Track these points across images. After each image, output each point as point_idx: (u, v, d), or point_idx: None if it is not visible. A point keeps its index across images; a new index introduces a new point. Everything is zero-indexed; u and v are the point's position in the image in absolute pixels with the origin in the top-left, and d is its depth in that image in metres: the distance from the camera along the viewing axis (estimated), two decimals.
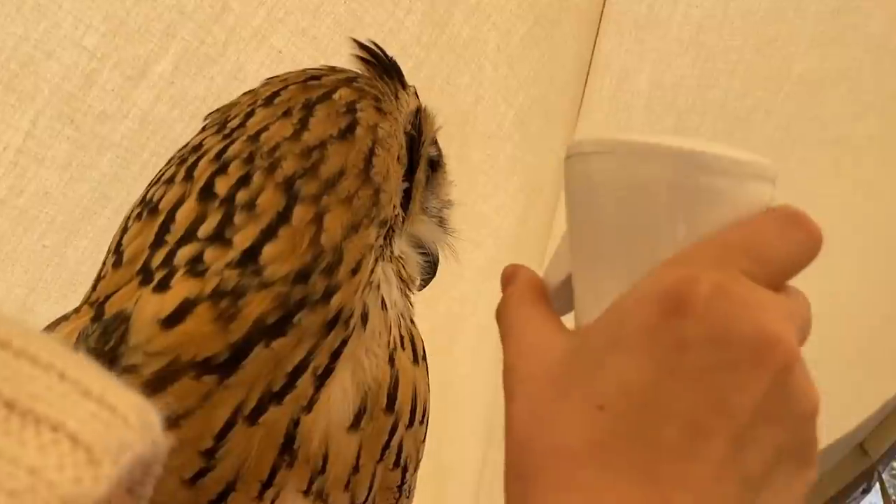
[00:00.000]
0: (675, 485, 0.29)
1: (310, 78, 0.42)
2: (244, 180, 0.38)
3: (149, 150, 0.68)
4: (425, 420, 0.46)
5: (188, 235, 0.37)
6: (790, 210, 0.33)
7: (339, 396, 0.39)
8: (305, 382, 0.37)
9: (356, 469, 0.41)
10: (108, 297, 0.37)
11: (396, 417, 0.42)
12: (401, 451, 0.44)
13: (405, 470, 0.45)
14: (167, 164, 0.41)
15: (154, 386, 0.35)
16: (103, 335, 0.36)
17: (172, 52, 0.66)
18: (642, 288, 0.31)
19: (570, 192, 0.36)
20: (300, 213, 0.37)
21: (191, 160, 0.39)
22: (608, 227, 0.34)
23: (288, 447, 0.37)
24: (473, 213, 1.06)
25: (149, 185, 0.41)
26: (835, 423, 1.40)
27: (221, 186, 0.38)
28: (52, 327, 0.39)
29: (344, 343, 0.38)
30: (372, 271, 0.40)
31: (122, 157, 0.66)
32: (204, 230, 0.37)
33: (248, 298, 0.36)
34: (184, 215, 0.38)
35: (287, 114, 0.39)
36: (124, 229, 0.40)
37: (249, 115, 0.40)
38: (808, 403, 0.30)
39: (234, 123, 0.40)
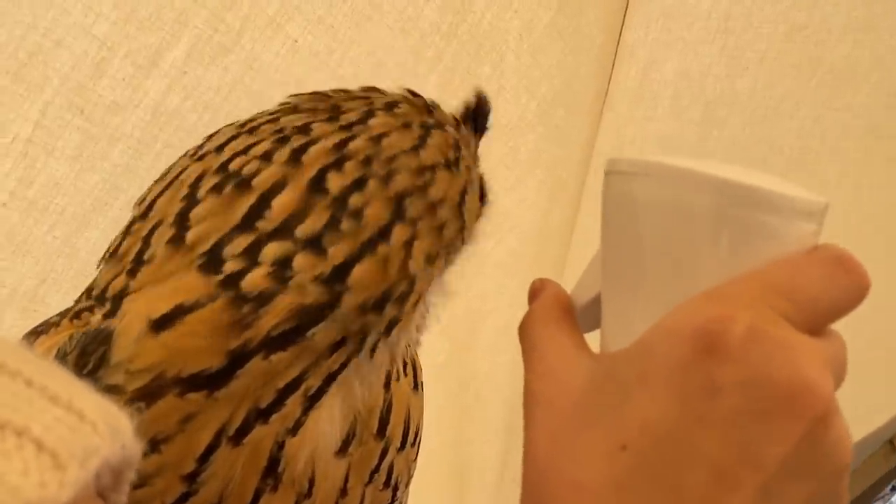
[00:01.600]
0: None
1: (426, 106, 0.41)
2: (359, 184, 0.35)
3: (161, 142, 0.66)
4: (417, 441, 0.45)
5: (282, 230, 0.34)
6: (837, 252, 0.31)
7: (327, 421, 0.37)
8: (294, 402, 0.35)
9: (344, 492, 0.39)
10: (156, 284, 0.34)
11: (387, 442, 0.41)
12: (391, 471, 0.43)
13: (395, 489, 0.44)
14: (235, 134, 0.38)
15: (135, 406, 0.33)
16: (81, 357, 0.34)
17: (185, 40, 0.65)
18: (675, 321, 0.30)
19: (606, 210, 0.34)
20: (399, 233, 0.35)
21: (297, 141, 0.36)
22: (644, 251, 0.33)
23: (272, 470, 0.36)
24: (495, 207, 1.04)
25: (215, 148, 0.37)
26: (863, 420, 1.37)
27: (335, 184, 0.35)
28: (30, 339, 0.38)
29: (343, 367, 0.36)
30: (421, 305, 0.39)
31: (134, 148, 0.65)
32: (303, 230, 0.34)
33: (272, 307, 0.33)
34: (283, 204, 0.34)
35: (407, 127, 0.38)
36: (193, 199, 0.35)
37: (370, 114, 0.38)
38: (840, 457, 0.29)
39: (351, 117, 0.38)
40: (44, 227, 0.63)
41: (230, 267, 0.33)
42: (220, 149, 0.37)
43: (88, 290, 0.38)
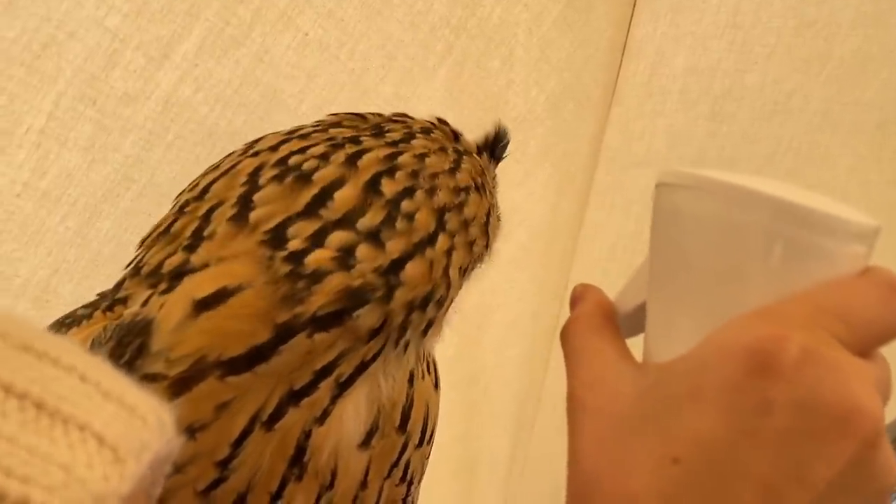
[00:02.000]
0: None
1: (454, 133, 0.46)
2: (409, 192, 0.39)
3: (172, 133, 0.67)
4: (432, 439, 0.47)
5: (345, 221, 0.37)
6: (890, 277, 0.31)
7: (352, 414, 0.39)
8: (325, 388, 0.37)
9: (364, 485, 0.41)
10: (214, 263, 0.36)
11: (407, 437, 0.43)
12: (408, 467, 0.44)
13: (410, 484, 0.46)
14: (293, 135, 0.41)
15: (174, 391, 0.34)
16: (117, 347, 0.36)
17: (196, 33, 0.65)
18: (728, 338, 0.30)
19: (657, 222, 0.35)
20: (442, 242, 0.39)
21: (350, 148, 0.39)
22: (694, 266, 0.33)
23: (298, 459, 0.37)
24: (503, 202, 1.04)
25: (268, 148, 0.40)
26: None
27: (388, 188, 0.38)
28: (59, 330, 0.39)
29: (375, 357, 0.38)
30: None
31: (146, 140, 0.65)
32: (364, 223, 0.37)
33: (324, 285, 0.35)
34: (345, 198, 0.37)
35: (443, 150, 0.42)
36: (254, 185, 0.38)
37: (411, 136, 0.42)
38: (886, 477, 0.29)
39: (394, 136, 0.42)
40: (56, 218, 0.63)
41: (295, 245, 0.36)
42: (274, 148, 0.40)
43: (135, 269, 0.39)
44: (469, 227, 0.41)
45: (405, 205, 0.38)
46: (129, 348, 0.35)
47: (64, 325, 0.40)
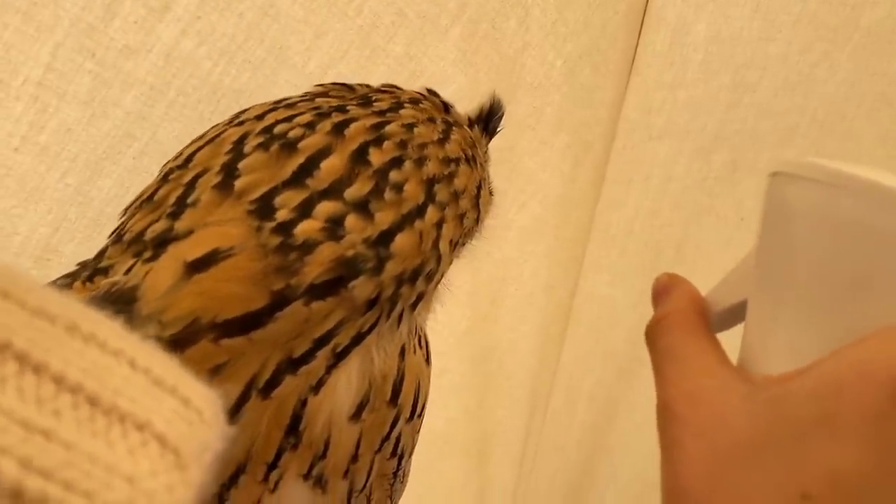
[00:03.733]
0: None
1: (444, 105, 0.45)
2: (397, 162, 0.38)
3: (175, 89, 0.65)
4: (423, 414, 0.46)
5: (332, 191, 0.36)
6: None
7: (344, 384, 0.38)
8: (322, 357, 0.36)
9: (355, 458, 0.41)
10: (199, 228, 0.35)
11: (398, 411, 0.42)
12: (399, 441, 0.44)
13: (401, 458, 0.45)
14: (280, 105, 0.40)
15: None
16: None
17: None
18: (867, 361, 0.27)
19: (771, 216, 0.32)
20: (431, 214, 0.38)
21: (336, 117, 0.39)
22: (817, 269, 0.30)
23: (294, 428, 0.37)
24: (518, 171, 1.02)
25: (254, 117, 0.39)
26: None
27: (376, 158, 0.37)
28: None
29: (371, 329, 0.37)
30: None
31: (147, 95, 0.63)
32: (351, 193, 0.36)
33: (317, 255, 0.34)
34: (331, 168, 0.36)
35: (432, 121, 0.41)
36: (238, 153, 0.37)
37: (399, 105, 0.41)
38: None
39: (382, 106, 0.41)
40: (56, 174, 0.61)
41: (283, 215, 0.35)
42: (260, 117, 0.39)
43: (117, 237, 0.38)
44: (459, 200, 0.40)
45: (393, 175, 0.37)
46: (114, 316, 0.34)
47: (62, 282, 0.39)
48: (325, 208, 0.35)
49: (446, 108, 0.45)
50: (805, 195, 0.30)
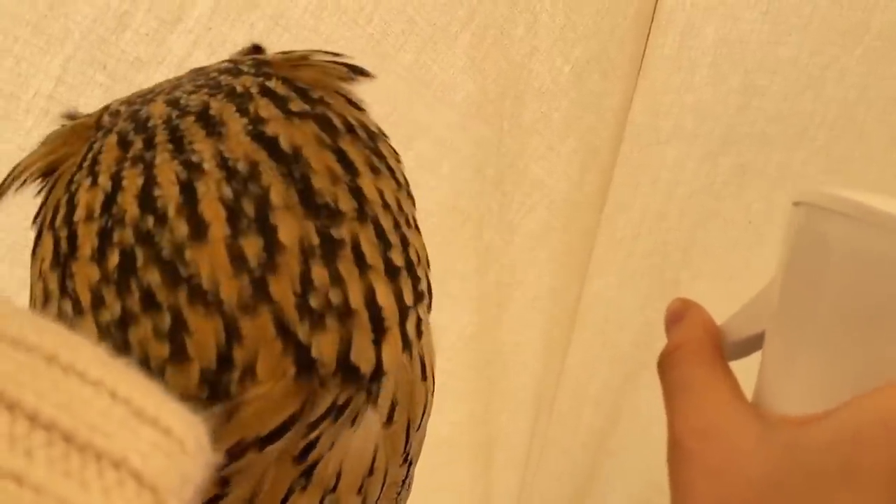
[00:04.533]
0: None
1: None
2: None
3: None
4: (427, 417, 0.44)
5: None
6: None
7: (361, 441, 0.35)
8: (326, 426, 0.34)
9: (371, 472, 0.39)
10: None
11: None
12: (408, 450, 0.41)
13: (410, 464, 0.43)
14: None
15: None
16: None
17: None
18: (888, 409, 0.26)
19: (797, 248, 0.31)
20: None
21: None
22: (843, 307, 0.29)
23: (306, 474, 0.35)
24: (525, 176, 1.02)
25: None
26: None
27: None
28: None
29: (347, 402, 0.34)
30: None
31: None
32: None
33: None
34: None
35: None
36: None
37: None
38: None
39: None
40: None
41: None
42: None
43: None
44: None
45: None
46: None
47: None
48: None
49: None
50: (835, 230, 0.29)
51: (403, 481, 0.44)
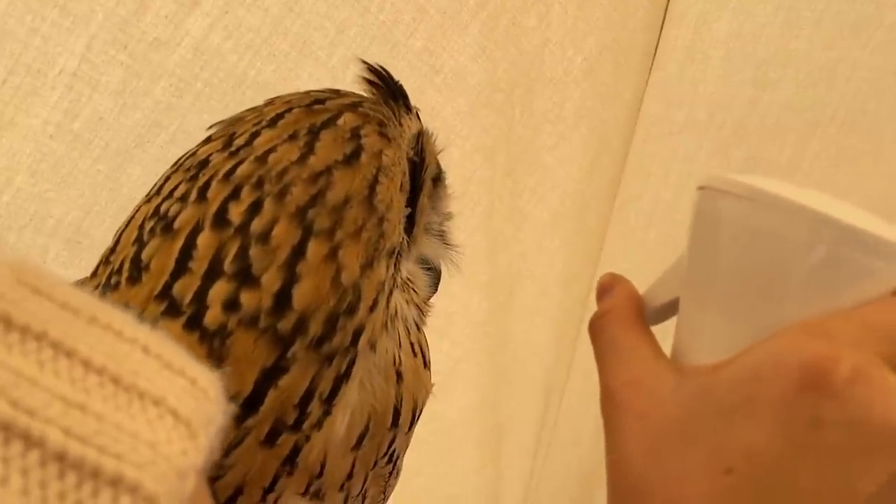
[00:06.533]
0: None
1: (314, 101, 0.40)
2: (255, 208, 0.35)
3: (202, 81, 0.67)
4: (419, 418, 0.46)
5: (214, 270, 0.34)
6: None
7: (341, 418, 0.38)
8: (315, 408, 0.36)
9: (350, 476, 0.41)
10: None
11: (397, 430, 0.42)
12: (394, 451, 0.44)
13: (396, 461, 0.45)
14: (174, 169, 0.39)
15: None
16: None
17: None
18: (780, 352, 0.31)
19: (698, 225, 0.36)
20: (315, 249, 0.35)
21: (202, 179, 0.36)
22: (735, 273, 0.34)
23: (291, 459, 0.37)
24: (537, 165, 1.03)
25: (155, 189, 0.38)
26: None
27: (234, 213, 0.35)
28: None
29: (350, 366, 0.37)
30: (388, 303, 0.39)
31: (176, 86, 0.66)
32: (229, 266, 0.34)
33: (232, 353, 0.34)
34: (205, 244, 0.34)
35: (293, 137, 0.37)
36: (140, 240, 0.36)
37: (255, 134, 0.38)
38: None
39: (240, 141, 0.37)
40: (88, 161, 0.64)
41: (188, 309, 0.34)
42: (159, 190, 0.38)
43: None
44: (345, 213, 0.36)
45: (255, 225, 0.34)
46: None
47: None
48: (217, 293, 0.34)
49: (321, 101, 0.40)
50: (728, 208, 0.34)
51: (390, 473, 0.46)
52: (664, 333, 0.38)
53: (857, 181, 1.26)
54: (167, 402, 0.22)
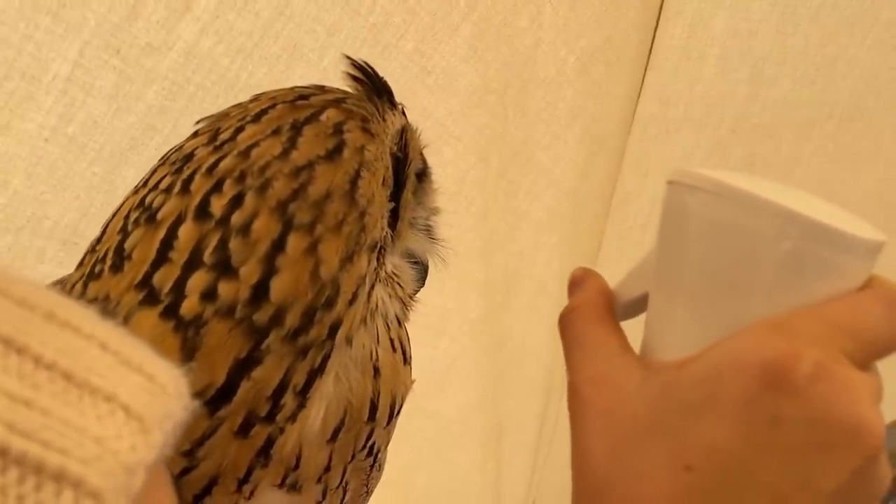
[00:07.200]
0: None
1: (298, 97, 0.41)
2: (237, 201, 0.36)
3: (194, 84, 0.69)
4: (399, 413, 0.46)
5: (194, 261, 0.35)
6: (893, 292, 0.33)
7: (317, 411, 0.38)
8: (289, 400, 0.37)
9: (328, 469, 0.41)
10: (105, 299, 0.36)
11: (374, 425, 0.42)
12: (373, 445, 0.44)
13: (376, 455, 0.45)
14: (161, 162, 0.40)
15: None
16: None
17: None
18: (743, 350, 0.31)
19: (666, 220, 0.36)
20: (295, 242, 0.36)
21: (186, 172, 0.37)
22: (703, 269, 0.34)
23: (265, 451, 0.37)
24: (531, 164, 1.04)
25: (142, 181, 0.40)
26: None
27: (216, 206, 0.36)
28: None
29: (325, 360, 0.37)
30: (369, 296, 0.39)
31: (168, 90, 0.68)
32: (209, 257, 0.35)
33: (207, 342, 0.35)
34: (186, 235, 0.35)
35: (276, 132, 0.38)
36: (125, 230, 0.37)
37: (240, 129, 0.38)
38: (881, 487, 0.32)
39: (224, 136, 0.38)
40: (83, 164, 0.66)
41: (167, 298, 0.35)
42: (145, 182, 0.39)
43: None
44: (326, 207, 0.37)
45: (236, 218, 0.35)
46: None
47: None
48: (195, 283, 0.35)
49: (304, 97, 0.41)
50: (696, 203, 0.34)
51: (371, 466, 0.46)
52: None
53: (855, 178, 1.26)
54: (119, 398, 0.22)
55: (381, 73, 0.44)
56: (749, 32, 1.13)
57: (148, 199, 0.37)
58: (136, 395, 0.22)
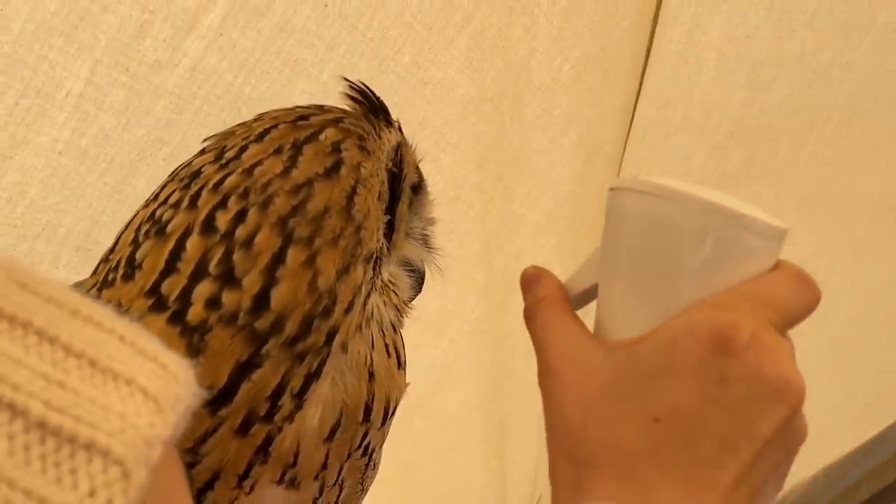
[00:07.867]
0: (707, 487, 0.36)
1: (299, 118, 0.43)
2: (241, 216, 0.38)
3: (200, 98, 0.73)
4: (393, 415, 0.49)
5: (200, 271, 0.38)
6: (798, 270, 0.40)
7: (315, 412, 0.41)
8: (287, 402, 0.39)
9: (325, 466, 0.44)
10: (117, 305, 0.39)
11: (369, 426, 0.45)
12: (368, 445, 0.46)
13: (371, 454, 0.48)
14: (171, 178, 0.42)
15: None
16: None
17: (220, 4, 0.70)
18: (693, 323, 0.37)
19: (608, 220, 0.42)
20: (295, 254, 0.38)
21: (194, 188, 0.40)
22: (641, 259, 0.39)
23: (264, 449, 0.40)
24: (528, 169, 1.07)
25: (153, 196, 0.42)
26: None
27: (221, 221, 0.38)
28: None
29: (322, 364, 0.40)
30: (365, 305, 0.42)
31: (175, 104, 0.71)
32: (214, 268, 0.38)
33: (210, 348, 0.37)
34: (193, 247, 0.38)
35: (278, 151, 0.40)
36: (136, 242, 0.40)
37: (244, 148, 0.41)
38: (802, 435, 0.38)
39: (230, 154, 0.41)
40: (95, 175, 0.70)
41: (174, 306, 0.38)
42: (155, 196, 0.42)
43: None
44: (324, 222, 0.39)
45: (239, 232, 0.38)
46: None
47: None
48: (201, 291, 0.37)
49: (304, 117, 0.43)
50: (631, 202, 0.40)
51: (366, 465, 0.48)
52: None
53: (853, 181, 1.27)
54: (137, 382, 0.25)
55: (378, 88, 0.47)
56: (746, 37, 1.15)
57: (158, 213, 0.40)
58: (151, 379, 0.25)
